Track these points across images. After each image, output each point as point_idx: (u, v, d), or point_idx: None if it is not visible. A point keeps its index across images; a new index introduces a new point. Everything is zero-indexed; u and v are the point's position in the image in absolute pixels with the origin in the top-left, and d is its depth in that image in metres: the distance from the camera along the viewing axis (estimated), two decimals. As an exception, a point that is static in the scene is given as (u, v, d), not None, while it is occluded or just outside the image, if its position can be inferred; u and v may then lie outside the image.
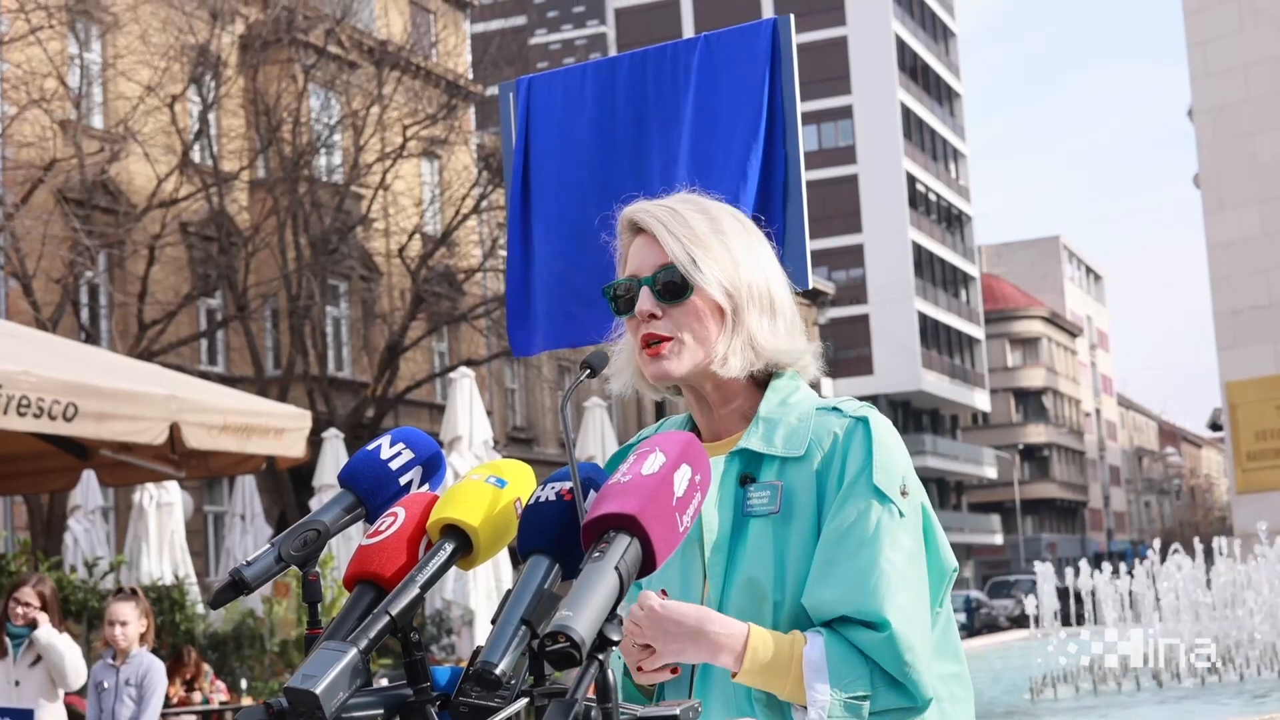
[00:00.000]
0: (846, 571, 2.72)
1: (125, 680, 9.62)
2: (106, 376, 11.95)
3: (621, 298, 2.98)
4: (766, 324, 2.94)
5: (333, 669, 2.27)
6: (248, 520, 23.51)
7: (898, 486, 2.79)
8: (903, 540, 2.76)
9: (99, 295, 32.37)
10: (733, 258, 2.92)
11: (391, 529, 2.56)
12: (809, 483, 2.82)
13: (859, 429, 2.84)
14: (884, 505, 2.76)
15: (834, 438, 2.84)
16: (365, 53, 37.29)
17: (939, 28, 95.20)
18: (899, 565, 2.73)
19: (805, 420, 2.88)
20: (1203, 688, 16.88)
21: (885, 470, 2.79)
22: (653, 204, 3.00)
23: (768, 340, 2.93)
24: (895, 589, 2.70)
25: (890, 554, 2.73)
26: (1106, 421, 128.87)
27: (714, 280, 2.89)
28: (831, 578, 2.73)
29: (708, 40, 6.13)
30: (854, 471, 2.80)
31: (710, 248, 2.91)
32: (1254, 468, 31.84)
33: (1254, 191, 31.95)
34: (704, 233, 2.92)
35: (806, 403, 2.93)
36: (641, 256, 2.95)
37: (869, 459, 2.80)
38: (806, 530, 2.80)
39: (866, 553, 2.72)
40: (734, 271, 2.91)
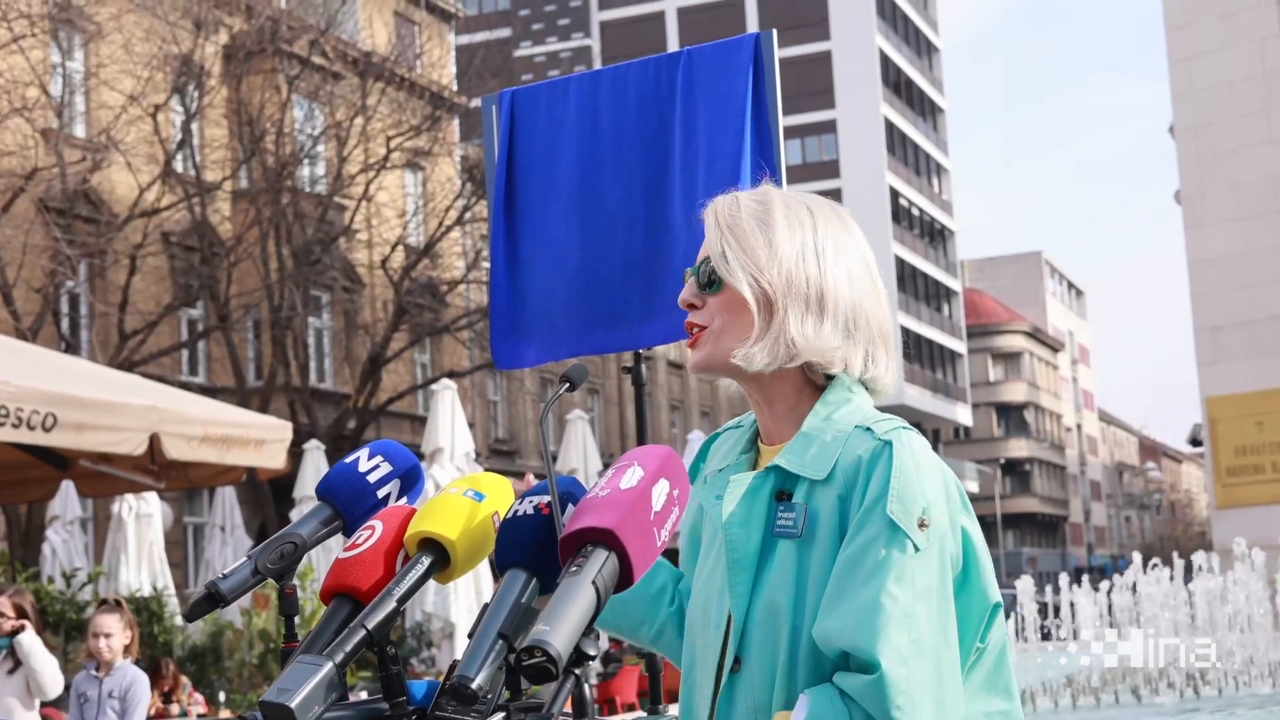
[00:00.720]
0: (852, 604, 2.61)
1: (109, 692, 9.59)
2: (86, 387, 11.93)
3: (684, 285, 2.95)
4: (810, 321, 2.80)
5: (308, 683, 2.26)
6: (228, 532, 23.46)
7: (915, 518, 2.64)
8: (914, 576, 2.62)
9: (80, 305, 32.31)
10: (772, 250, 2.82)
11: (369, 542, 2.55)
12: (832, 507, 2.71)
13: (883, 453, 2.69)
14: (895, 537, 2.62)
15: (858, 461, 2.70)
16: (349, 63, 37.27)
17: (923, 43, 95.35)
18: (902, 603, 2.59)
19: (839, 439, 2.75)
20: (1181, 701, 16.91)
21: (902, 500, 2.64)
22: (726, 195, 2.94)
23: (807, 338, 2.80)
24: (894, 628, 2.57)
25: (894, 589, 2.59)
26: (1087, 436, 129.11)
27: (741, 274, 2.81)
28: (838, 608, 2.62)
29: (690, 55, 6.14)
30: (871, 499, 2.66)
31: (746, 239, 2.83)
32: (1233, 483, 31.91)
33: (1234, 208, 32.04)
34: (746, 223, 2.84)
35: (848, 419, 2.79)
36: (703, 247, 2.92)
37: (886, 487, 2.65)
38: (827, 555, 2.69)
39: (872, 586, 2.60)
40: (772, 265, 2.81)
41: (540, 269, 6.40)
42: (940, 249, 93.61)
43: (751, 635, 2.74)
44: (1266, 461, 31.40)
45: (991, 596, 2.76)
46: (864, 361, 2.84)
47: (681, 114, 6.09)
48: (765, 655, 2.72)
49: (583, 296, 6.28)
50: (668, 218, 6.07)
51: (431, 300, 37.65)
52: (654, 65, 6.24)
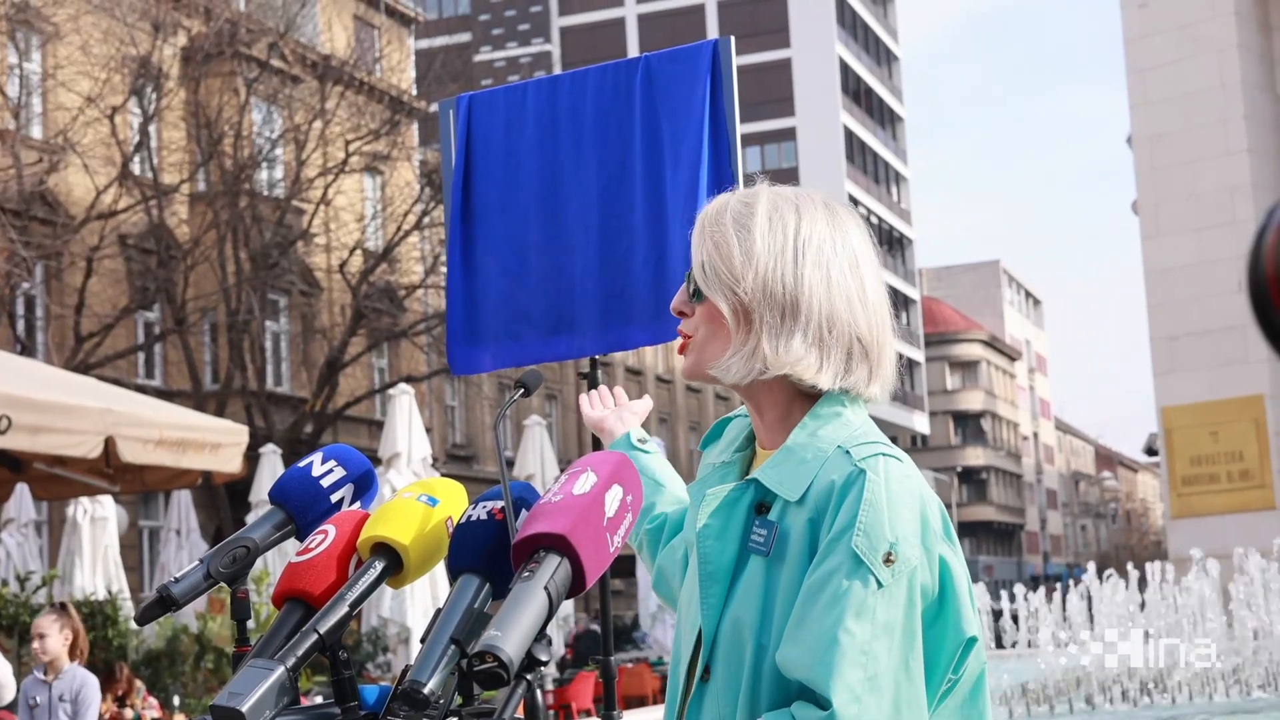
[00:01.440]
0: (810, 635, 2.55)
1: (59, 696, 9.56)
2: (42, 389, 11.87)
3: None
4: (783, 333, 2.73)
5: (259, 687, 2.26)
6: (183, 535, 23.36)
7: (881, 554, 2.56)
8: (875, 611, 2.55)
9: (35, 307, 32.16)
10: (749, 258, 2.75)
11: (321, 547, 2.55)
12: (803, 529, 2.64)
13: (856, 482, 2.61)
14: (858, 571, 2.55)
15: (831, 485, 2.63)
16: (308, 67, 37.19)
17: (882, 51, 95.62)
18: (860, 639, 2.53)
19: (818, 459, 2.68)
20: (1134, 710, 16.98)
21: (868, 534, 2.57)
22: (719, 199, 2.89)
23: (777, 352, 2.72)
24: (848, 665, 2.52)
25: (852, 625, 2.53)
26: (1044, 445, 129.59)
27: (718, 286, 2.76)
28: (798, 637, 2.57)
29: (649, 61, 6.15)
30: (839, 529, 2.58)
31: (724, 249, 2.77)
32: (1189, 492, 32.03)
33: (1191, 219, 32.18)
34: (727, 231, 2.78)
35: (834, 437, 2.71)
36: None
37: (854, 519, 2.58)
38: (795, 577, 2.63)
39: (830, 619, 2.54)
40: (747, 274, 2.74)
41: (498, 274, 6.40)
42: (898, 257, 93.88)
43: (720, 648, 2.71)
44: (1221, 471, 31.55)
45: (966, 630, 2.66)
46: (835, 373, 2.75)
47: (640, 120, 6.10)
48: (731, 669, 2.70)
49: (540, 302, 6.29)
50: (627, 224, 6.08)
51: (389, 305, 37.58)
52: (612, 71, 6.25)
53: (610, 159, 6.15)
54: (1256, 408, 31.24)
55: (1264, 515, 30.02)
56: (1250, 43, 32.63)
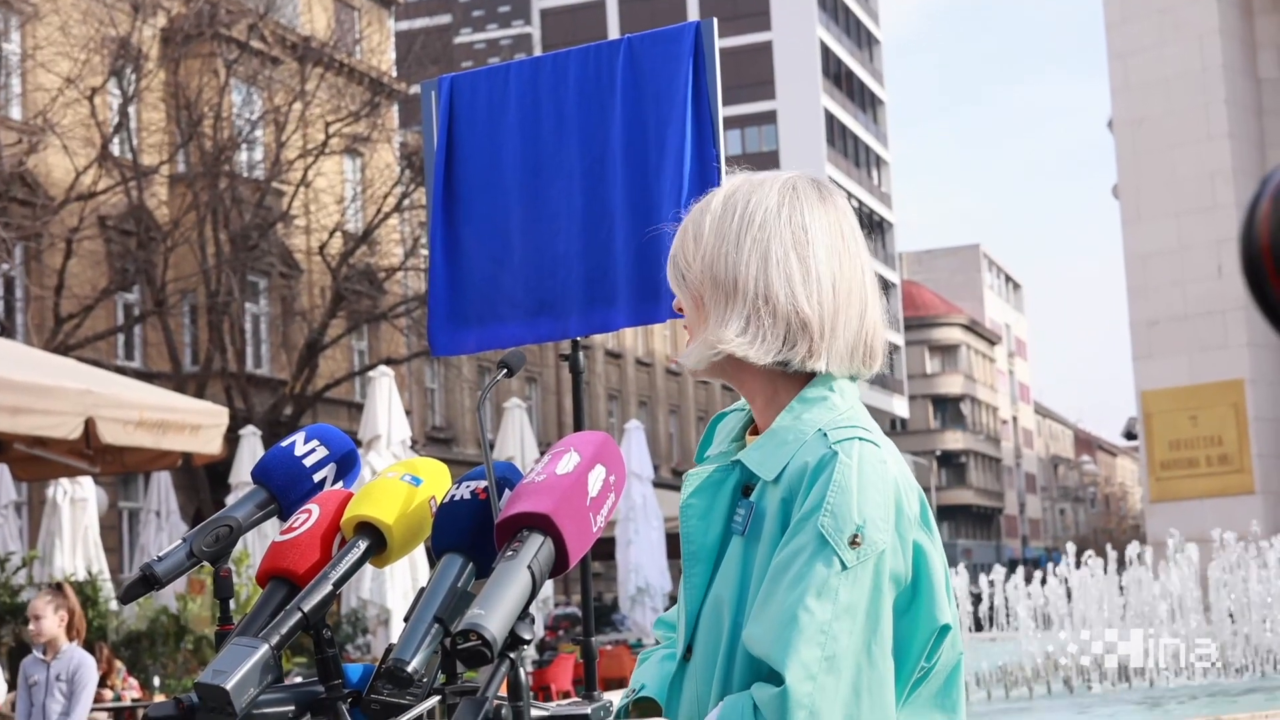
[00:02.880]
0: (772, 612, 2.56)
1: (56, 676, 9.65)
2: (21, 370, 11.86)
3: None
4: (727, 314, 2.73)
5: (244, 665, 2.26)
6: (163, 517, 23.35)
7: (847, 535, 2.55)
8: (838, 592, 2.54)
9: (15, 288, 32.07)
10: (699, 245, 2.77)
11: (305, 526, 2.55)
12: (776, 509, 2.65)
13: (829, 464, 2.61)
14: (823, 551, 2.55)
15: (804, 467, 2.63)
16: (288, 48, 37.10)
17: (864, 35, 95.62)
18: (819, 618, 2.53)
19: (798, 441, 2.68)
20: (1112, 690, 17.03)
21: (835, 515, 2.56)
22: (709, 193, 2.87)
23: (719, 330, 2.72)
24: (805, 643, 2.52)
25: (813, 603, 2.53)
26: (1023, 429, 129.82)
27: (687, 274, 2.78)
28: (761, 615, 2.58)
29: (630, 43, 6.14)
30: (807, 509, 2.58)
31: (682, 239, 2.80)
32: (1167, 477, 32.11)
33: (1171, 204, 32.22)
34: (698, 223, 2.80)
35: (817, 420, 2.71)
36: None
37: (822, 500, 2.57)
38: (767, 558, 2.63)
39: (791, 598, 2.54)
40: (696, 260, 2.77)
41: (480, 256, 6.39)
42: (879, 241, 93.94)
43: (701, 627, 2.73)
44: (1200, 456, 31.62)
45: (940, 617, 2.65)
46: (771, 349, 2.72)
47: (622, 102, 6.09)
48: (709, 648, 2.71)
49: (522, 284, 6.28)
50: (608, 207, 6.08)
51: (369, 287, 37.53)
52: (594, 53, 6.25)
53: (593, 141, 6.14)
54: (1236, 392, 31.32)
55: (1242, 499, 30.12)
56: (1231, 27, 32.67)
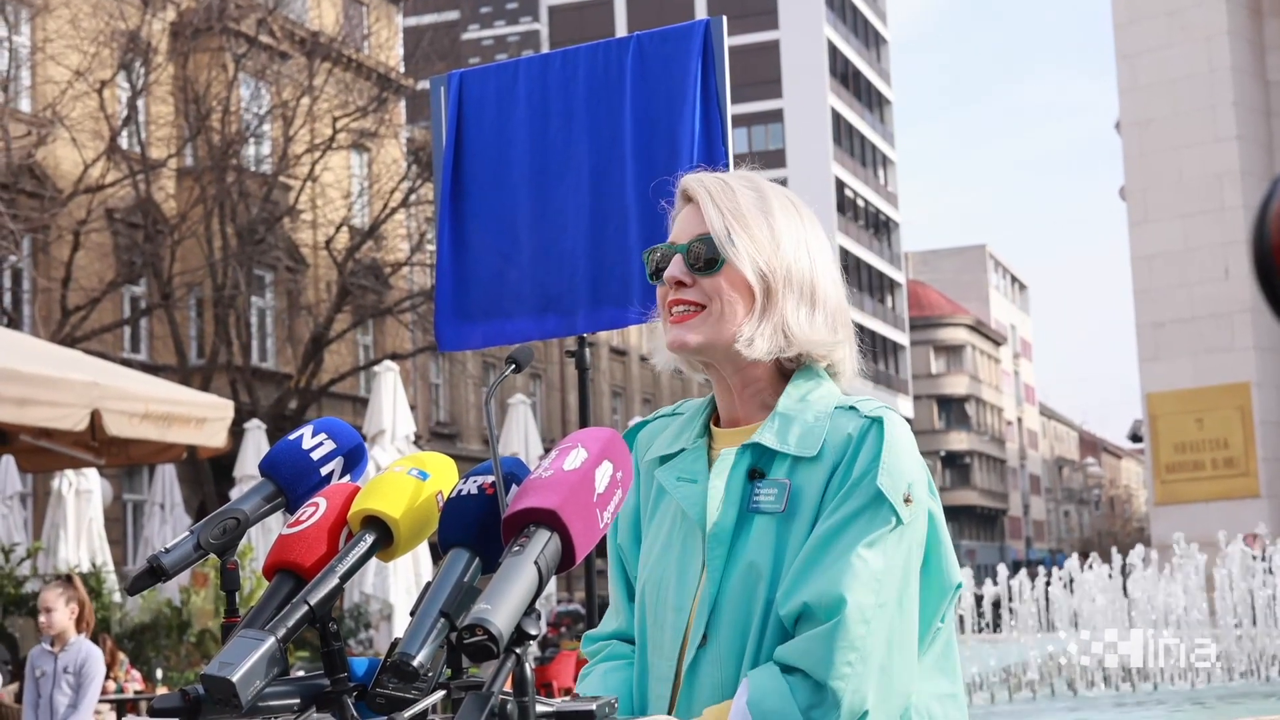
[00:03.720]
0: (820, 572, 2.65)
1: (63, 668, 9.69)
2: (28, 362, 11.87)
3: (655, 264, 2.91)
4: (804, 312, 2.84)
5: (250, 657, 2.26)
6: (167, 509, 23.35)
7: (901, 492, 2.70)
8: (890, 547, 2.67)
9: (22, 280, 32.09)
10: (774, 238, 2.84)
11: (312, 519, 2.55)
12: (818, 483, 2.74)
13: (873, 429, 2.76)
14: (880, 509, 2.67)
15: (848, 438, 2.76)
16: (296, 43, 37.12)
17: (871, 34, 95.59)
18: (874, 567, 2.64)
19: (822, 419, 2.79)
20: (1116, 694, 17.03)
21: (891, 473, 2.71)
22: (706, 175, 2.92)
23: (802, 329, 2.84)
24: (861, 588, 2.62)
25: (868, 554, 2.65)
26: (1028, 430, 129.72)
27: (747, 257, 2.81)
28: (804, 577, 2.66)
29: (640, 40, 6.14)
30: (859, 472, 2.71)
31: (750, 224, 2.83)
32: (1172, 479, 32.11)
33: (1178, 206, 32.22)
34: (748, 208, 2.84)
35: (826, 401, 2.84)
36: (683, 225, 2.89)
37: (876, 459, 2.71)
38: (806, 530, 2.72)
39: (845, 554, 2.64)
40: (773, 252, 2.83)
41: (487, 252, 6.39)
42: (884, 240, 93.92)
43: (722, 610, 2.76)
44: (1205, 458, 31.61)
45: (953, 577, 2.81)
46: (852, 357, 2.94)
47: (631, 100, 6.10)
48: (735, 629, 2.75)
49: (529, 281, 6.29)
50: (619, 204, 6.08)
51: (375, 282, 37.56)
52: (603, 50, 6.25)
53: (601, 138, 6.15)
54: (1241, 395, 31.32)
55: (1247, 503, 30.12)
56: (1239, 28, 32.65)
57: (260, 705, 2.31)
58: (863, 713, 2.61)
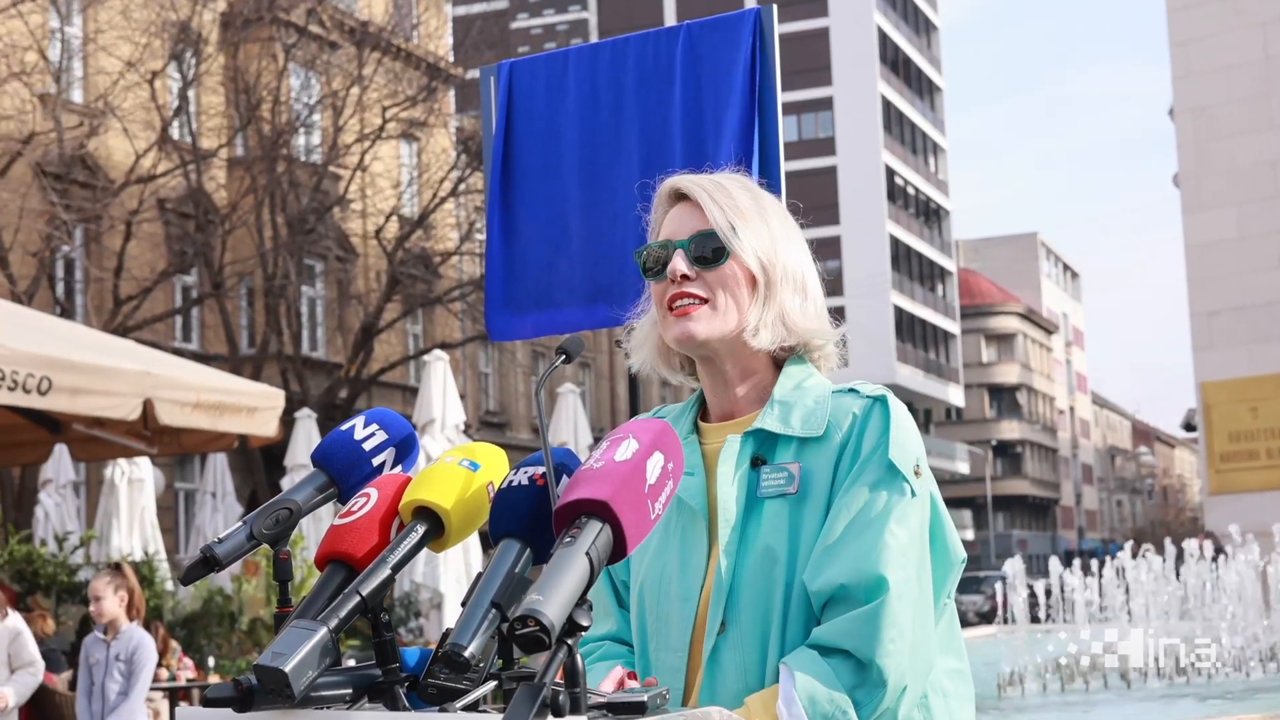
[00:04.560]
0: (856, 545, 2.70)
1: (115, 655, 9.76)
2: (81, 351, 11.93)
3: (652, 261, 2.96)
4: (799, 303, 2.93)
5: (302, 648, 2.27)
6: (219, 498, 23.46)
7: (912, 465, 2.78)
8: (910, 519, 2.75)
9: (75, 270, 32.27)
10: (771, 234, 2.93)
11: (364, 509, 2.56)
12: (828, 464, 2.81)
13: (876, 408, 2.84)
14: (896, 482, 2.75)
15: (852, 418, 2.83)
16: (346, 33, 37.20)
17: (921, 21, 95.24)
18: (902, 540, 2.71)
19: (822, 402, 2.87)
20: (1170, 687, 16.94)
21: (901, 447, 2.79)
22: (697, 176, 2.99)
23: (799, 319, 2.92)
24: (895, 565, 2.68)
25: (895, 528, 2.71)
26: (1080, 419, 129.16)
27: (751, 250, 2.89)
28: (834, 555, 2.71)
29: (690, 29, 6.13)
30: (869, 448, 2.79)
31: (750, 220, 2.91)
32: (1227, 469, 31.90)
33: (1232, 194, 32.00)
34: (746, 206, 2.93)
35: (822, 386, 2.92)
36: (679, 222, 2.95)
37: (885, 435, 2.79)
38: (820, 511, 2.79)
39: (873, 529, 2.71)
40: (771, 247, 2.92)
41: (537, 242, 6.39)
42: (935, 229, 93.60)
43: (740, 594, 2.79)
44: (1260, 448, 31.39)
45: (958, 552, 2.87)
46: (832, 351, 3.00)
47: (681, 89, 6.08)
48: (756, 614, 2.78)
49: (579, 270, 6.28)
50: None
51: (424, 271, 37.62)
52: (653, 39, 6.24)
53: (652, 127, 6.14)
54: (1296, 384, 31.08)
55: (1303, 493, 29.88)
56: (1294, 15, 32.37)
57: (312, 695, 2.32)
58: (903, 687, 2.68)
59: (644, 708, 2.24)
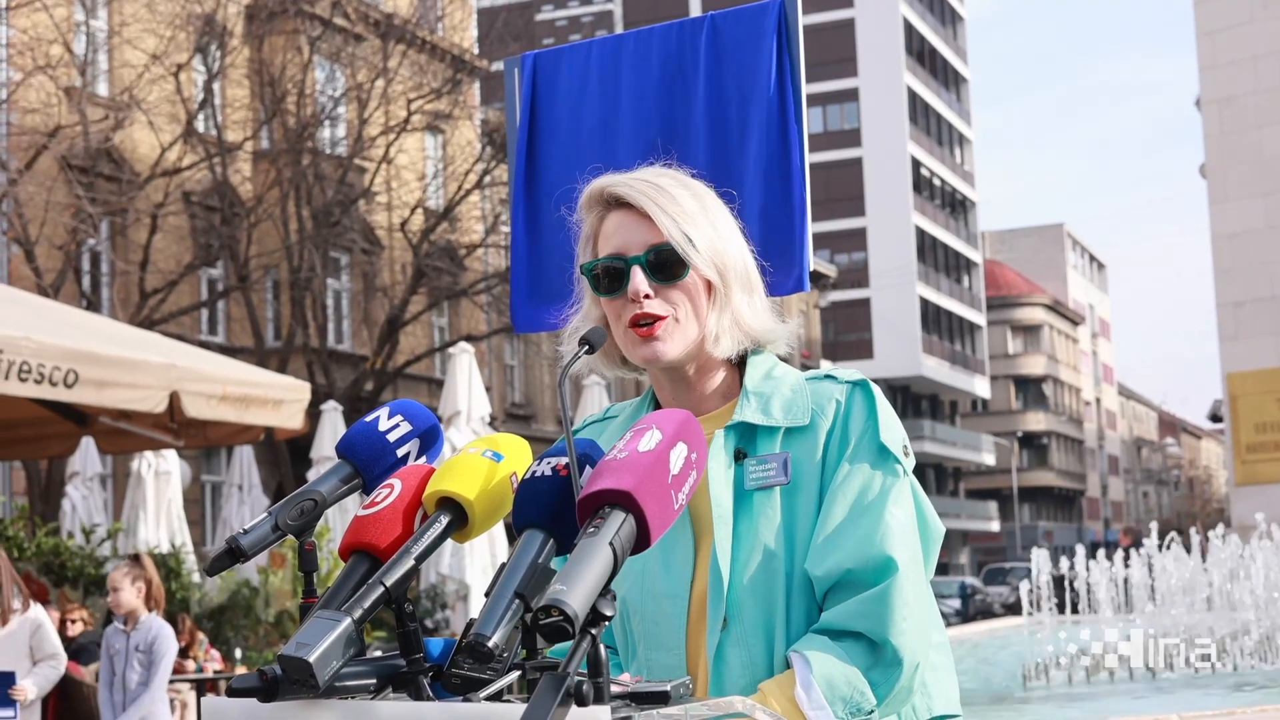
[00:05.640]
0: (853, 535, 2.71)
1: (135, 646, 9.81)
2: (107, 344, 11.95)
3: (606, 277, 2.88)
4: (748, 302, 2.90)
5: (327, 638, 2.27)
6: (245, 490, 23.52)
7: (901, 446, 2.81)
8: (905, 499, 2.77)
9: (101, 263, 32.36)
10: (716, 232, 2.87)
11: (388, 500, 2.56)
12: (814, 451, 2.81)
13: (858, 392, 2.85)
14: (888, 464, 2.78)
15: (836, 404, 2.83)
16: (371, 25, 37.21)
17: (947, 11, 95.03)
18: (901, 520, 2.73)
19: (799, 391, 2.86)
20: (1196, 677, 16.89)
21: (890, 429, 2.81)
22: (630, 178, 2.92)
23: (752, 319, 2.89)
24: (900, 544, 2.71)
25: (894, 509, 2.73)
26: (1106, 411, 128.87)
27: (706, 259, 2.83)
28: (837, 541, 2.72)
29: (714, 20, 6.12)
30: (858, 432, 2.80)
31: (700, 225, 2.84)
32: (1253, 460, 31.86)
33: (1259, 184, 31.94)
34: (693, 210, 2.86)
35: (793, 374, 2.91)
36: (627, 234, 2.86)
37: (874, 418, 2.81)
38: (813, 498, 2.78)
39: (873, 512, 2.72)
40: (721, 248, 2.86)
41: (561, 233, 6.37)
42: (961, 220, 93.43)
43: (740, 590, 2.78)
44: (1286, 438, 31.33)
45: (938, 526, 2.90)
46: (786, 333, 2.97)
47: (705, 80, 6.07)
48: (758, 607, 2.78)
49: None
50: (691, 185, 6.05)
51: (450, 264, 37.64)
52: (677, 30, 6.22)
53: (675, 119, 6.12)
54: (1323, 375, 31.00)
55: (1329, 483, 29.81)
56: (1321, 5, 32.28)
57: (337, 685, 2.33)
58: (917, 664, 2.70)
59: (667, 697, 2.24)
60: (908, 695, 2.72)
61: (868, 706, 2.65)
